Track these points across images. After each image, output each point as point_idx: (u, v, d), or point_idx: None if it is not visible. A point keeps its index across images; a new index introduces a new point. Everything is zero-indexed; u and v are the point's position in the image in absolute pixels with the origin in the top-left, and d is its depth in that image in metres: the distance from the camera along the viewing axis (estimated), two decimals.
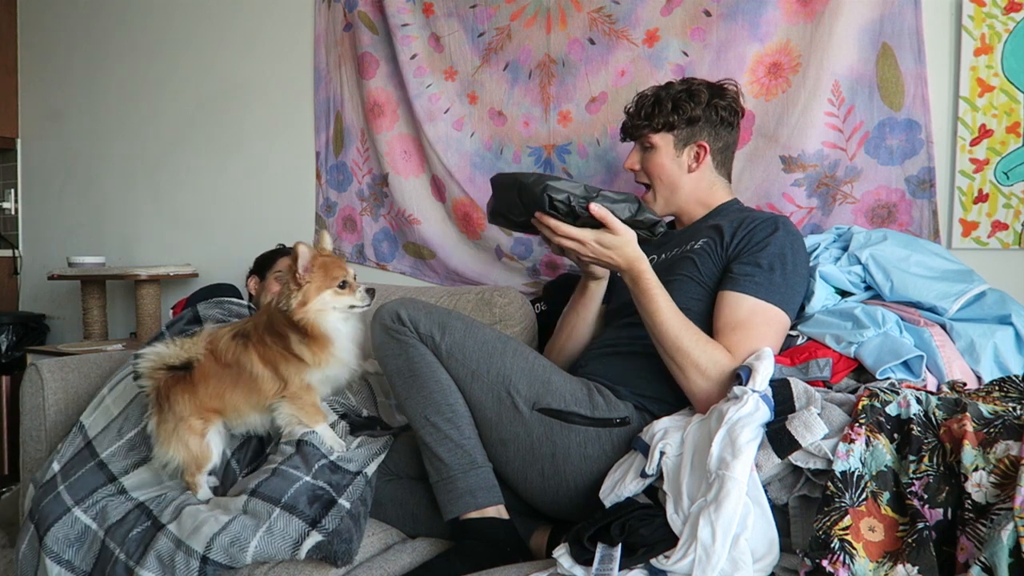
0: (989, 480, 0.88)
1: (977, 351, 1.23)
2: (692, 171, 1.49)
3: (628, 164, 1.55)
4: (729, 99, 1.50)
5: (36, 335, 3.14)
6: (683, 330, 1.23)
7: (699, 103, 1.46)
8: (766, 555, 0.95)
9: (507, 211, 1.33)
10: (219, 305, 1.90)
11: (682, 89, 1.49)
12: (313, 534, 1.23)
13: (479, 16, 2.08)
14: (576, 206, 1.22)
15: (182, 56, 2.82)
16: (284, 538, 1.23)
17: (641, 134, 1.51)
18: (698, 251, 1.39)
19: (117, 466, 1.48)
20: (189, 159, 2.82)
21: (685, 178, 1.50)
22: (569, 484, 1.25)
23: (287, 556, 1.23)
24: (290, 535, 1.23)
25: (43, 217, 3.34)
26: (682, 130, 1.48)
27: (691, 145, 1.48)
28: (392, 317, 1.30)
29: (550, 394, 1.26)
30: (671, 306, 1.24)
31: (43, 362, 1.76)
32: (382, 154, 2.25)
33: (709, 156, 1.49)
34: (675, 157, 1.49)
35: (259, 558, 1.23)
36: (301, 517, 1.26)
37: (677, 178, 1.50)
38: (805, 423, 1.00)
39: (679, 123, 1.47)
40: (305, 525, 1.25)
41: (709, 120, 1.47)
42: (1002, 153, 1.51)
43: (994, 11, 1.50)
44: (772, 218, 1.38)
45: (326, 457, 1.39)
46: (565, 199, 1.21)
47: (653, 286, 1.25)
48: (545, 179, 1.23)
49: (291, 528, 1.24)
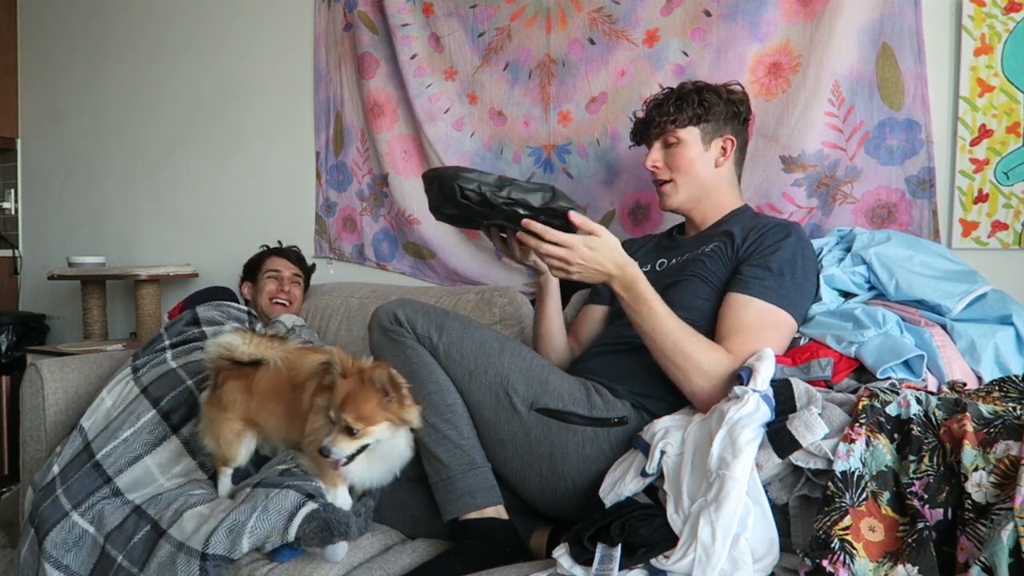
0: (989, 480, 0.88)
1: (978, 351, 1.22)
2: (720, 165, 1.49)
3: (650, 162, 1.51)
4: (740, 96, 1.51)
5: (36, 335, 3.14)
6: (682, 333, 1.21)
7: (720, 98, 1.47)
8: (766, 555, 0.95)
9: (439, 205, 1.27)
10: (218, 308, 1.89)
11: (701, 87, 1.49)
12: (308, 503, 1.22)
13: (479, 16, 2.08)
14: (488, 194, 1.16)
15: (182, 56, 2.82)
16: (280, 512, 1.22)
17: (666, 131, 1.48)
18: (709, 254, 1.39)
19: (112, 467, 1.47)
20: (189, 159, 2.82)
21: (712, 172, 1.48)
22: (567, 484, 1.25)
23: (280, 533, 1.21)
24: (285, 508, 1.22)
25: (43, 217, 3.34)
26: (709, 123, 1.47)
27: (718, 139, 1.48)
28: (389, 318, 1.30)
29: (548, 394, 1.26)
30: (667, 310, 1.22)
31: (43, 362, 1.76)
32: (382, 154, 2.25)
33: (734, 151, 1.49)
34: (703, 151, 1.48)
35: (256, 541, 1.21)
36: (298, 491, 1.25)
37: (705, 172, 1.48)
38: (805, 423, 1.00)
39: (707, 116, 1.46)
40: (301, 496, 1.23)
41: (732, 115, 1.48)
42: (1002, 153, 1.51)
43: (994, 11, 1.50)
44: (784, 224, 1.38)
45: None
46: (476, 188, 1.16)
47: (647, 290, 1.21)
48: (459, 170, 1.19)
49: (287, 501, 1.23)
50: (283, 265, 2.15)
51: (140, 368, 1.66)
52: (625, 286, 1.21)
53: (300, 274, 2.19)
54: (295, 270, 2.17)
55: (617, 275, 1.20)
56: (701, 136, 1.47)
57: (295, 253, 2.22)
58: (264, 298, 2.09)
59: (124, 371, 1.67)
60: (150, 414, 1.54)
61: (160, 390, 1.59)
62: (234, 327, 1.84)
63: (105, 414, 1.58)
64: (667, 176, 1.50)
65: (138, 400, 1.57)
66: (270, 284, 2.10)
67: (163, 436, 1.52)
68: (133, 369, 1.67)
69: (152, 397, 1.57)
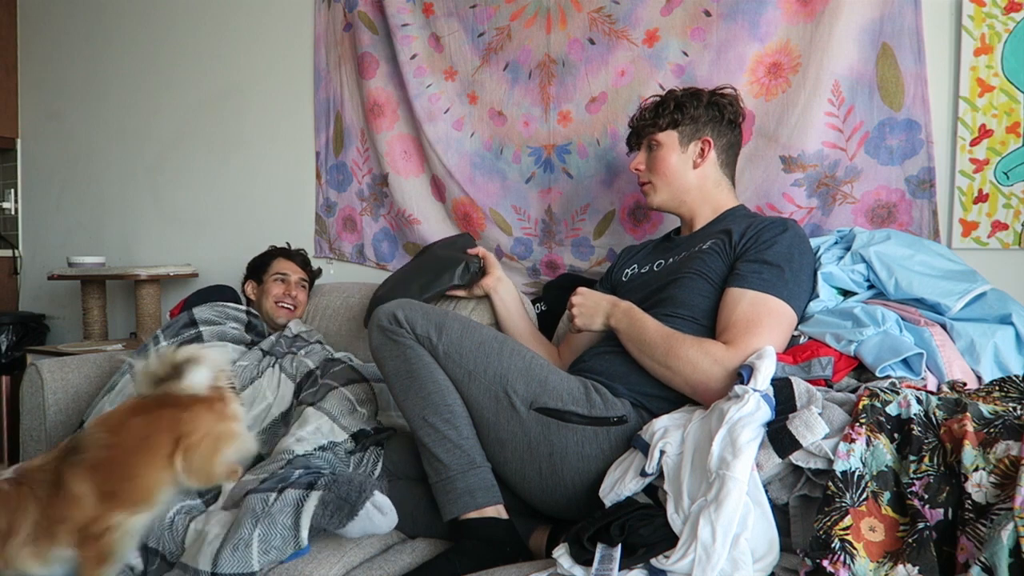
0: (989, 480, 0.88)
1: (977, 351, 1.22)
2: (698, 166, 1.52)
3: (633, 165, 1.59)
4: (729, 99, 1.53)
5: (36, 335, 3.13)
6: (672, 337, 1.27)
7: (700, 102, 1.51)
8: (766, 555, 0.95)
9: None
10: (214, 308, 1.87)
11: (683, 92, 1.54)
12: (312, 495, 1.18)
13: (479, 16, 2.08)
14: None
15: (182, 56, 2.82)
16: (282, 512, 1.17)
17: (647, 134, 1.55)
18: (707, 251, 1.40)
19: None
20: (189, 159, 2.82)
21: (691, 174, 1.52)
22: (567, 484, 1.25)
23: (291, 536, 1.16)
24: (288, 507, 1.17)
25: (43, 217, 3.33)
26: (686, 127, 1.51)
27: (695, 140, 1.51)
28: (389, 318, 1.30)
29: (547, 393, 1.26)
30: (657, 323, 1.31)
31: (43, 362, 1.76)
32: (382, 154, 2.25)
33: (714, 152, 1.51)
34: (680, 153, 1.52)
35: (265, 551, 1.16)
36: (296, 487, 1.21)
37: (682, 173, 1.52)
38: (806, 423, 1.00)
39: (683, 120, 1.51)
40: (301, 491, 1.19)
41: (712, 117, 1.51)
42: (1002, 153, 1.51)
43: (994, 11, 1.50)
44: (781, 220, 1.39)
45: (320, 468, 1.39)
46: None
47: (639, 312, 1.34)
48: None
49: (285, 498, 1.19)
50: (291, 268, 2.10)
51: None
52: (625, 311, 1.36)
53: (307, 279, 2.15)
54: (302, 274, 2.13)
55: (610, 309, 1.38)
56: (679, 139, 1.51)
57: (303, 257, 2.17)
58: (269, 301, 2.04)
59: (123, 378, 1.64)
60: None
61: None
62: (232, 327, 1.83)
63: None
64: (647, 178, 1.56)
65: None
66: (276, 287, 2.05)
67: None
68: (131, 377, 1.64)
69: None
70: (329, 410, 1.51)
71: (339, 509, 1.16)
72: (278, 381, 1.65)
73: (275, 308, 2.05)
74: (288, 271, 2.10)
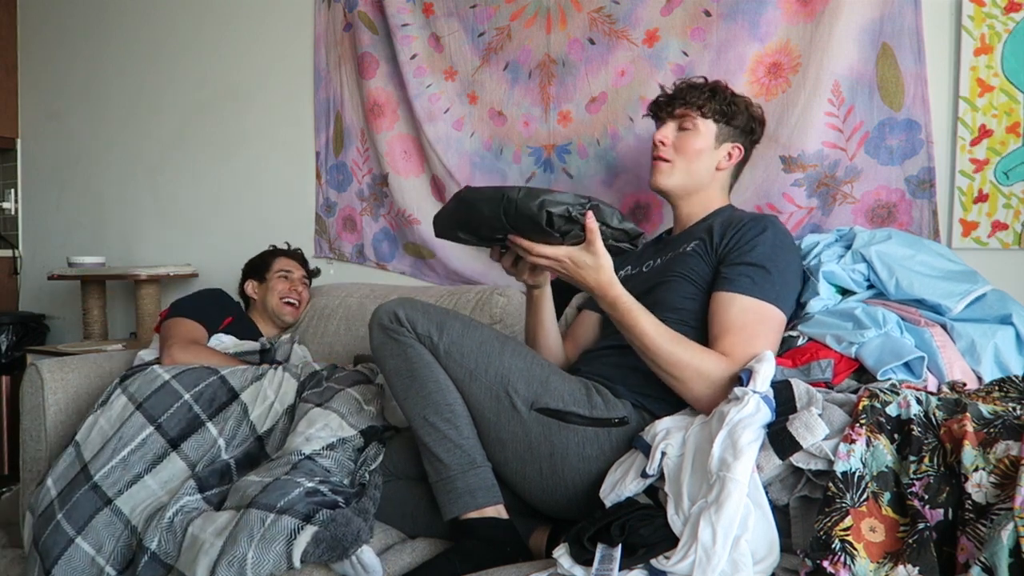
0: (989, 480, 0.88)
1: (978, 351, 1.22)
2: (720, 169, 1.51)
3: (659, 137, 1.50)
4: (761, 117, 1.55)
5: (36, 335, 3.14)
6: (674, 343, 1.21)
7: (742, 110, 1.50)
8: (767, 556, 0.95)
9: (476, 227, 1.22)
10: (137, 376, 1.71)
11: (731, 91, 1.52)
12: (307, 528, 1.19)
13: (479, 16, 2.08)
14: (576, 216, 1.15)
15: (182, 56, 2.82)
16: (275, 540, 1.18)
17: (687, 112, 1.48)
18: (691, 253, 1.39)
19: (111, 488, 1.43)
20: (189, 159, 2.82)
21: (711, 173, 1.50)
22: (567, 484, 1.25)
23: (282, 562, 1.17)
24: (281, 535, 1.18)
25: (43, 217, 3.34)
26: (728, 126, 1.49)
27: (729, 144, 1.50)
28: (390, 317, 1.30)
29: (548, 394, 1.26)
30: (655, 323, 1.22)
31: (43, 362, 1.75)
32: (382, 154, 2.25)
33: (735, 162, 1.51)
34: (712, 149, 1.49)
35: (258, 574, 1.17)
36: (293, 515, 1.21)
37: (706, 167, 1.49)
38: (806, 424, 1.00)
39: (731, 119, 1.49)
40: (297, 520, 1.20)
41: (748, 130, 1.52)
42: (1002, 153, 1.51)
43: (994, 11, 1.50)
44: (760, 217, 1.38)
45: (328, 472, 1.38)
46: (564, 211, 1.13)
47: (632, 307, 1.21)
48: (538, 193, 1.14)
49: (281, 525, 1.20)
50: (293, 266, 2.19)
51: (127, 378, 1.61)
52: (609, 305, 1.23)
53: (307, 277, 2.24)
54: (303, 272, 2.22)
55: (596, 292, 1.22)
56: (716, 134, 1.49)
57: (302, 256, 2.27)
58: (275, 297, 2.11)
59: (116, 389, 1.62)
60: (147, 431, 1.51)
61: (156, 407, 1.54)
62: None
63: (101, 433, 1.53)
64: (670, 156, 1.50)
65: (134, 417, 1.53)
66: (281, 284, 2.12)
67: (162, 454, 1.49)
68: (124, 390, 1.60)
69: (148, 414, 1.54)
70: (337, 408, 1.51)
71: (331, 548, 1.17)
72: (280, 381, 1.66)
73: (280, 305, 2.11)
74: (291, 268, 2.18)
